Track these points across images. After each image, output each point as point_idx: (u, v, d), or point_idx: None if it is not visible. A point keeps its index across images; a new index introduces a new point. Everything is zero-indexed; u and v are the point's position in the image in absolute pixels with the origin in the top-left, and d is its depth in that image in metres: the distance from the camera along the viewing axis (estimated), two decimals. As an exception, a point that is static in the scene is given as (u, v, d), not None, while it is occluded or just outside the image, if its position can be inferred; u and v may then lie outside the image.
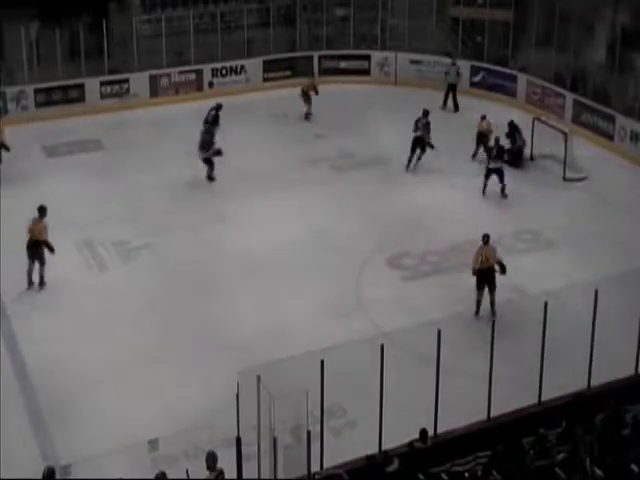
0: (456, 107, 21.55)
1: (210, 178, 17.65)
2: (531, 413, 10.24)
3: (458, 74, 21.84)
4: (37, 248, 13.59)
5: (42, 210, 13.77)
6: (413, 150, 17.99)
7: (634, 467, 7.69)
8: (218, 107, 19.32)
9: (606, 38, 20.71)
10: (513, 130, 18.51)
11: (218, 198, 16.87)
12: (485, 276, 13.06)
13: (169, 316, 13.08)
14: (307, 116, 20.86)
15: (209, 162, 17.62)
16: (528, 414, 10.22)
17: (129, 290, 13.78)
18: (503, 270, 13.14)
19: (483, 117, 18.78)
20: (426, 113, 18.27)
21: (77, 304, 13.35)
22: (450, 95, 21.66)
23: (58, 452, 10.12)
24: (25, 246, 13.57)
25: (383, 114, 20.89)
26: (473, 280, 13.26)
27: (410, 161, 18.02)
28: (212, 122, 18.90)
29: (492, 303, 12.97)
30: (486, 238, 13.28)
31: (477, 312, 13.00)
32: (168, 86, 22.41)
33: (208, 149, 17.62)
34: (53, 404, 11.04)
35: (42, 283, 13.76)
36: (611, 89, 19.80)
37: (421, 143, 17.98)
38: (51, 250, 13.66)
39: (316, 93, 21.02)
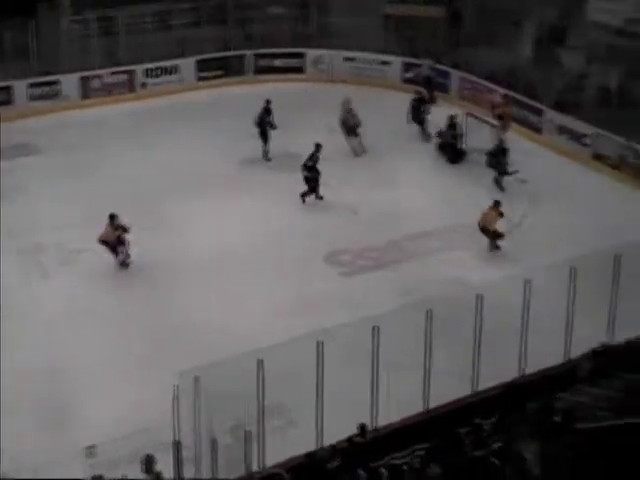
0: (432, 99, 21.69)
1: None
2: (467, 404, 10.44)
3: (432, 68, 22.09)
4: None
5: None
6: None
7: (564, 452, 7.88)
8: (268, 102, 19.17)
9: (534, 34, 21.22)
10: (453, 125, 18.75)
11: (158, 200, 16.69)
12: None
13: (110, 320, 12.93)
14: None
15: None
16: (464, 405, 10.42)
17: (72, 295, 13.58)
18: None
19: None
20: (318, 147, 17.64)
21: (19, 309, 13.09)
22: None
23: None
24: None
25: (318, 112, 20.94)
26: (410, 274, 13.42)
27: None
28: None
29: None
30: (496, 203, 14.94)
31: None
32: (100, 87, 22.09)
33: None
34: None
35: None
36: (539, 84, 20.25)
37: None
38: None
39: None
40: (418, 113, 19.66)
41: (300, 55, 23.92)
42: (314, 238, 15.41)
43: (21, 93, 21.07)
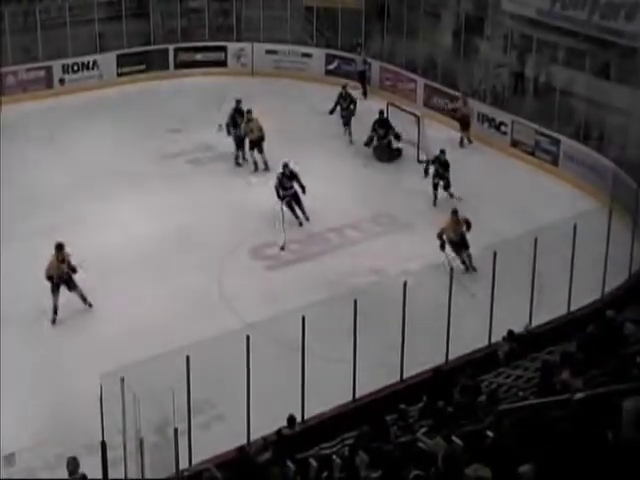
0: (365, 94, 21.74)
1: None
2: (394, 391, 10.60)
3: (365, 62, 22.04)
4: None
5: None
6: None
7: (489, 433, 8.06)
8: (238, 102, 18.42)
9: (451, 25, 21.56)
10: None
11: (73, 200, 16.30)
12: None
13: (26, 324, 12.62)
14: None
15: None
16: (391, 392, 10.58)
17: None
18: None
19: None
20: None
21: None
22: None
23: None
24: None
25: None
26: (334, 266, 13.49)
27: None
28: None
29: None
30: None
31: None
32: (15, 84, 21.50)
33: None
34: None
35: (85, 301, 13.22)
36: (458, 73, 20.60)
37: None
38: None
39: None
40: (346, 114, 19.42)
41: (222, 49, 23.77)
42: (238, 233, 15.35)
43: None
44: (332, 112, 19.47)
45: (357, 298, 10.27)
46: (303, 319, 10.03)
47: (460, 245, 14.12)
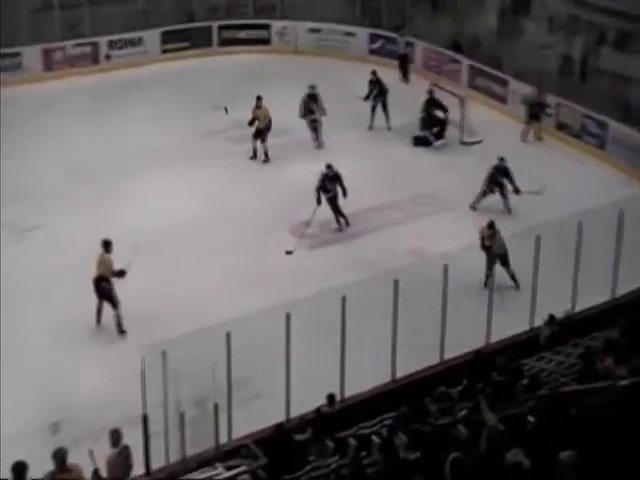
0: (406, 78, 21.49)
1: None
2: (433, 373, 10.57)
3: (408, 45, 21.77)
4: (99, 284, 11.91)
5: (106, 244, 12.15)
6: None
7: (530, 418, 8.01)
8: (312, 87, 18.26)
9: (497, 5, 21.22)
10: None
11: (116, 176, 16.48)
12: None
13: (67, 296, 12.80)
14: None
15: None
16: (431, 374, 10.55)
17: (22, 272, 13.36)
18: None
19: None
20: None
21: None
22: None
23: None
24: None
25: (282, 83, 20.82)
26: (374, 246, 13.42)
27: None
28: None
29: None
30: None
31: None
32: (62, 60, 21.72)
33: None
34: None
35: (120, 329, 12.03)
36: (503, 54, 20.30)
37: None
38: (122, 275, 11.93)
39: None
40: (374, 102, 18.96)
41: (265, 27, 23.73)
42: (278, 211, 15.37)
43: (-18, 66, 20.67)
44: (367, 98, 19.08)
45: (397, 278, 10.23)
46: (343, 299, 10.05)
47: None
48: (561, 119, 18.51)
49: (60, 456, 8.00)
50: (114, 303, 11.93)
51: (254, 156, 17.55)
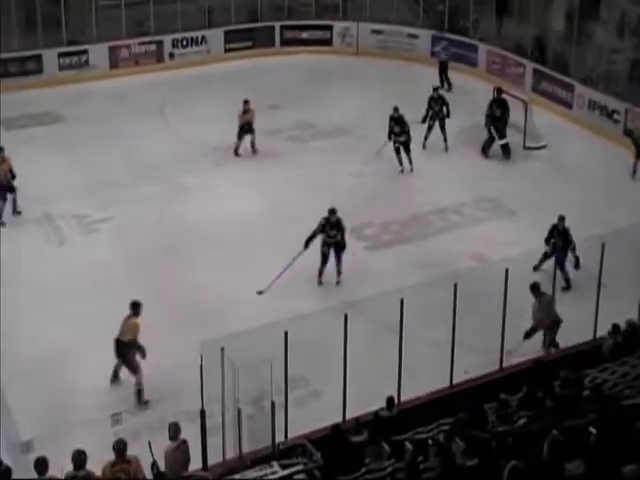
0: (449, 85, 20.97)
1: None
2: (493, 379, 10.42)
3: (447, 50, 21.42)
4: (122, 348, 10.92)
5: (135, 306, 11.03)
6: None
7: (592, 429, 7.84)
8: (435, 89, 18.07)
9: (565, 7, 20.84)
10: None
11: (178, 171, 16.73)
12: None
13: (130, 289, 12.92)
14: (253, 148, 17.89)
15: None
16: (490, 380, 10.40)
17: (89, 264, 13.64)
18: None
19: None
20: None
21: (37, 278, 13.18)
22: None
23: (21, 428, 10.05)
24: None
25: (344, 84, 20.83)
26: (434, 249, 13.25)
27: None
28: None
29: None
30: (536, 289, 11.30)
31: None
32: (128, 57, 22.07)
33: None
34: (13, 380, 10.89)
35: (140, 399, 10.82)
36: (570, 58, 19.95)
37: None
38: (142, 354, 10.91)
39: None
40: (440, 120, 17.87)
41: (327, 27, 23.74)
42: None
43: (51, 62, 21.10)
44: (424, 121, 17.90)
45: (457, 282, 10.11)
46: (402, 301, 9.96)
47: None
48: (629, 126, 18.08)
49: (120, 447, 8.11)
50: (134, 370, 10.85)
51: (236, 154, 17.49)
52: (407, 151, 16.84)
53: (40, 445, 8.40)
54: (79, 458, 7.95)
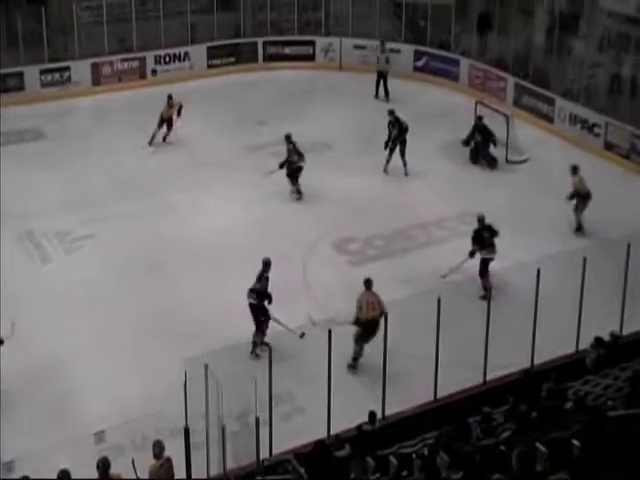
0: (387, 95, 21.20)
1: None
2: (476, 393, 10.44)
3: (387, 61, 21.61)
4: None
5: None
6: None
7: (575, 442, 7.85)
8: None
9: (545, 22, 21.07)
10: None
11: (162, 187, 16.73)
12: (372, 327, 11.31)
13: (114, 306, 12.95)
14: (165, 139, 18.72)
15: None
16: (474, 394, 10.42)
17: (73, 281, 13.59)
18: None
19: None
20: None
21: (19, 296, 13.09)
22: (381, 83, 21.37)
23: (3, 447, 9.95)
24: None
25: (327, 100, 20.91)
26: (417, 263, 13.28)
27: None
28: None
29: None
30: (369, 283, 11.87)
31: (355, 366, 11.54)
32: (110, 74, 22.07)
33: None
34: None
35: None
36: (550, 72, 20.13)
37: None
38: None
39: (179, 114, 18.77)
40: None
41: (310, 43, 23.86)
42: (321, 226, 15.37)
43: (32, 79, 21.06)
44: (386, 146, 17.44)
45: (440, 296, 10.13)
46: (385, 315, 9.97)
47: None
48: (610, 139, 18.26)
49: (103, 465, 8.05)
50: None
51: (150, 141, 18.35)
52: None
53: (21, 465, 8.33)
54: (64, 477, 7.88)
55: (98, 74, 21.88)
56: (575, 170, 15.39)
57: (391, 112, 17.66)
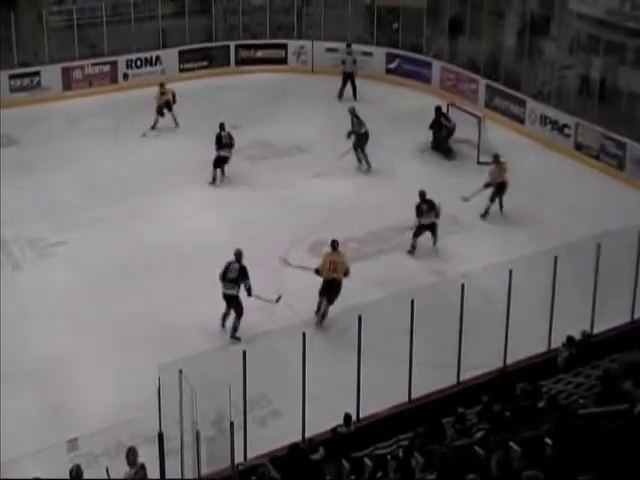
0: (354, 96, 21.25)
1: None
2: (450, 393, 10.49)
3: (355, 62, 21.70)
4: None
5: None
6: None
7: (548, 440, 7.92)
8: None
9: (516, 25, 21.25)
10: (439, 116, 18.57)
11: (134, 192, 16.62)
12: (330, 286, 12.51)
13: (87, 313, 12.84)
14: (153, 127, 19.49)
15: None
16: (448, 395, 10.47)
17: (45, 288, 13.48)
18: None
19: None
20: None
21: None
22: (349, 84, 21.42)
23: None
24: None
25: (300, 103, 20.93)
26: (391, 265, 13.32)
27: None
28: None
29: (324, 313, 12.55)
30: (335, 244, 12.80)
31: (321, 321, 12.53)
32: (81, 79, 21.93)
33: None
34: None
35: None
36: (521, 74, 20.31)
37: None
38: None
39: (174, 102, 19.71)
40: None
41: (282, 46, 23.86)
42: (296, 229, 15.37)
43: (2, 84, 20.87)
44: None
45: (414, 298, 10.18)
46: (359, 318, 10.00)
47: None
48: (580, 140, 18.45)
49: (77, 473, 7.99)
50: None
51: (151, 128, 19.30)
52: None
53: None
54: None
55: (69, 79, 21.73)
56: (496, 159, 15.90)
57: (352, 110, 17.89)
